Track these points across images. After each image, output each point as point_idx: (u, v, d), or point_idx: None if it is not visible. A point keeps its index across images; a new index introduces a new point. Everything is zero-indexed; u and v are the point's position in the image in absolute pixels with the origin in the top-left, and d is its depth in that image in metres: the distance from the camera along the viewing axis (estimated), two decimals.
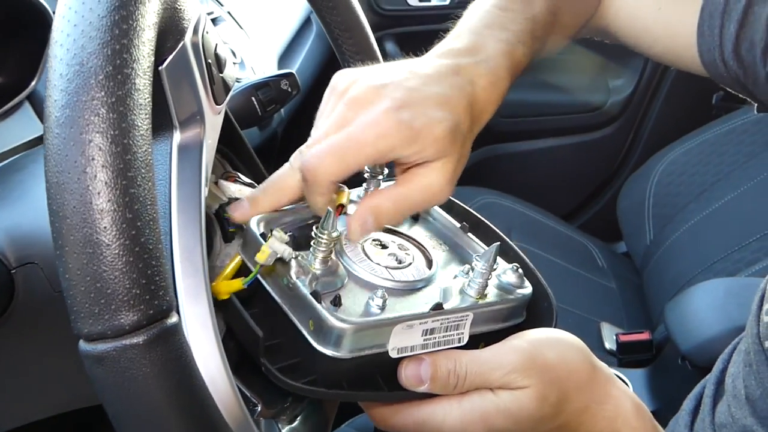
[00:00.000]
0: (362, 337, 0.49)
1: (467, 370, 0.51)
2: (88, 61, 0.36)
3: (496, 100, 0.60)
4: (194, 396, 0.39)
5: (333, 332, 0.48)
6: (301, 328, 0.49)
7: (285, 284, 0.50)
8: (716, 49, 0.70)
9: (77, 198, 0.35)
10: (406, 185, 0.54)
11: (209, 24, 0.53)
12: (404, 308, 0.52)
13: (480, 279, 0.54)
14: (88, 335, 0.36)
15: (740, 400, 0.65)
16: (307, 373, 0.50)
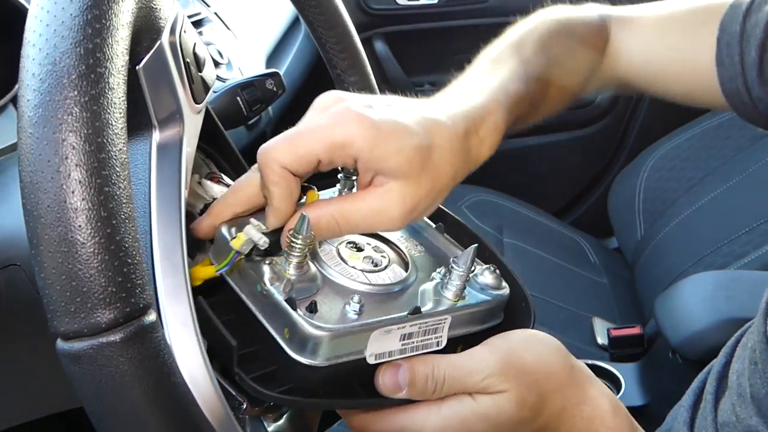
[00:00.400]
0: (339, 344, 0.48)
1: (445, 375, 0.51)
2: (60, 61, 0.36)
3: (489, 131, 0.58)
4: (173, 393, 0.39)
5: (309, 340, 0.47)
6: (276, 337, 0.48)
7: (259, 291, 0.49)
8: (738, 77, 0.70)
9: (51, 197, 0.35)
10: (355, 203, 0.51)
11: (188, 24, 0.53)
12: (381, 313, 0.51)
13: (457, 281, 0.53)
14: (64, 334, 0.36)
15: (745, 398, 0.64)
16: (283, 382, 0.49)
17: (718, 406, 0.69)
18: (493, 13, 2.08)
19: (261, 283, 0.49)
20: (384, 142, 0.49)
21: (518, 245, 1.70)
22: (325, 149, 0.49)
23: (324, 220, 0.50)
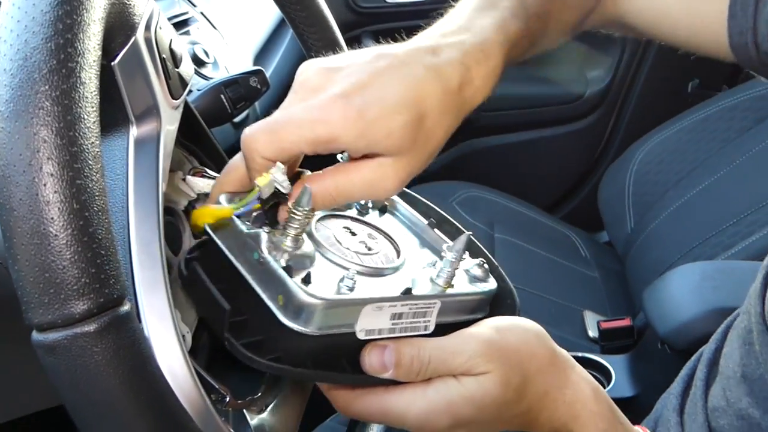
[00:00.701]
0: (332, 314, 0.48)
1: (430, 357, 0.51)
2: (31, 56, 0.37)
3: (486, 78, 0.55)
4: (149, 383, 0.40)
5: (303, 307, 0.47)
6: (270, 304, 0.48)
7: (256, 259, 0.49)
8: (749, 32, 0.68)
9: (23, 190, 0.36)
10: (349, 175, 0.51)
11: (164, 20, 0.54)
12: (373, 292, 0.52)
13: (449, 268, 0.54)
14: (39, 325, 0.37)
15: (736, 380, 0.64)
16: (272, 351, 0.49)
17: (708, 392, 0.69)
18: None
19: (258, 250, 0.49)
20: (371, 130, 0.48)
21: (509, 240, 1.71)
22: (309, 144, 0.49)
23: (319, 193, 0.50)
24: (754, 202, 1.43)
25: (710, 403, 0.68)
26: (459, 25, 0.57)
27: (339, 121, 0.48)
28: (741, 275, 1.15)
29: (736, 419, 0.63)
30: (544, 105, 2.14)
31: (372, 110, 0.48)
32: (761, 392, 0.61)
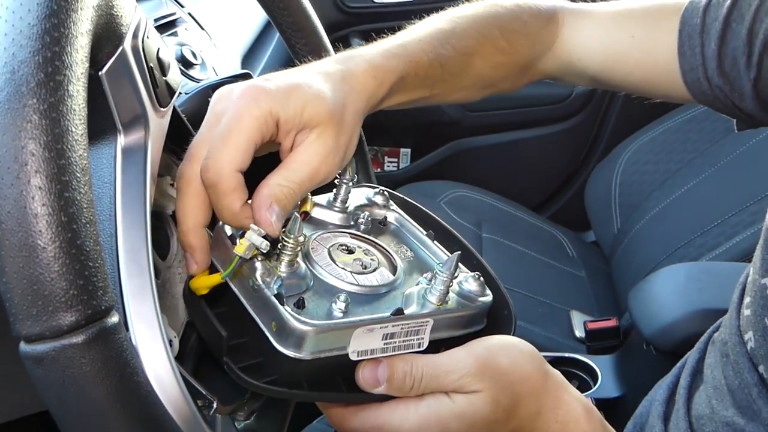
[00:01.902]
0: (323, 339, 0.50)
1: (423, 373, 0.52)
2: (19, 69, 0.37)
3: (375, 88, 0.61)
4: (137, 393, 0.40)
5: (294, 333, 0.48)
6: (264, 329, 0.50)
7: (251, 285, 0.51)
8: (699, 68, 0.72)
9: (11, 203, 0.36)
10: (290, 165, 0.54)
11: (151, 29, 0.54)
12: (366, 312, 0.53)
13: (441, 286, 0.55)
14: (27, 336, 0.37)
15: (721, 390, 0.65)
16: (269, 373, 0.51)
17: (691, 400, 0.70)
18: None
19: (253, 277, 0.51)
20: (299, 93, 0.53)
21: (497, 240, 1.71)
22: (260, 131, 0.52)
23: (277, 190, 0.53)
24: (738, 203, 1.44)
25: (695, 411, 0.69)
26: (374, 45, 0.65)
27: (271, 92, 0.52)
28: (725, 276, 1.16)
29: (722, 426, 0.64)
30: (531, 105, 2.15)
31: (287, 87, 0.54)
32: (742, 401, 0.62)
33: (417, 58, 0.67)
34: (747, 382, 0.63)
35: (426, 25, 0.73)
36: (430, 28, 0.72)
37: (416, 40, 0.69)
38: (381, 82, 0.62)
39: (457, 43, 0.71)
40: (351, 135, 0.57)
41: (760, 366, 0.62)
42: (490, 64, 0.75)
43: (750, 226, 1.37)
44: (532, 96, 2.16)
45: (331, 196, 0.63)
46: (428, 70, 0.68)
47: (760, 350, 0.63)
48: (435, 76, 0.69)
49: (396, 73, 0.64)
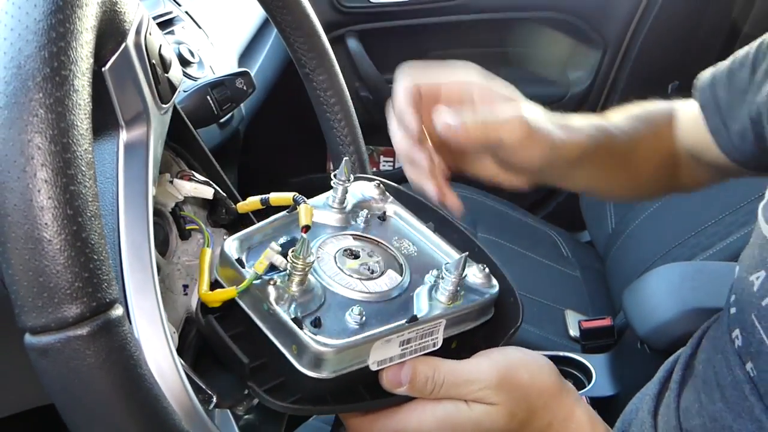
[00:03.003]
0: (344, 357, 0.51)
1: (445, 380, 0.54)
2: (25, 64, 0.37)
3: None
4: (140, 385, 0.40)
5: (316, 355, 0.49)
6: (285, 353, 0.51)
7: (266, 310, 0.52)
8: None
9: (18, 196, 0.36)
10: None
11: (153, 26, 0.54)
12: (381, 319, 0.54)
13: (450, 287, 0.56)
14: (32, 328, 0.38)
15: (711, 385, 0.66)
16: (293, 392, 0.52)
17: (681, 394, 0.71)
18: (465, 11, 2.09)
19: (267, 302, 0.51)
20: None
21: (492, 240, 1.72)
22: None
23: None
24: (731, 203, 1.45)
25: (682, 404, 0.70)
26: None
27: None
28: (719, 276, 1.17)
29: (709, 421, 0.65)
30: None
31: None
32: (732, 397, 0.63)
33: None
34: (739, 378, 0.63)
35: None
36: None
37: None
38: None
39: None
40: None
41: (747, 363, 0.63)
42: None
43: (744, 226, 1.37)
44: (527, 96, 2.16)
45: (329, 198, 0.63)
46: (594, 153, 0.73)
47: (746, 348, 0.64)
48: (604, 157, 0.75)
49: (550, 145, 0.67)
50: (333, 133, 0.85)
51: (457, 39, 2.17)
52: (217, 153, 1.21)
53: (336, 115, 0.85)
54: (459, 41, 2.17)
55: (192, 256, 0.68)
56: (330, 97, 0.84)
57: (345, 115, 0.85)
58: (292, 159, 2.08)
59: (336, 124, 0.86)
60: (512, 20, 2.11)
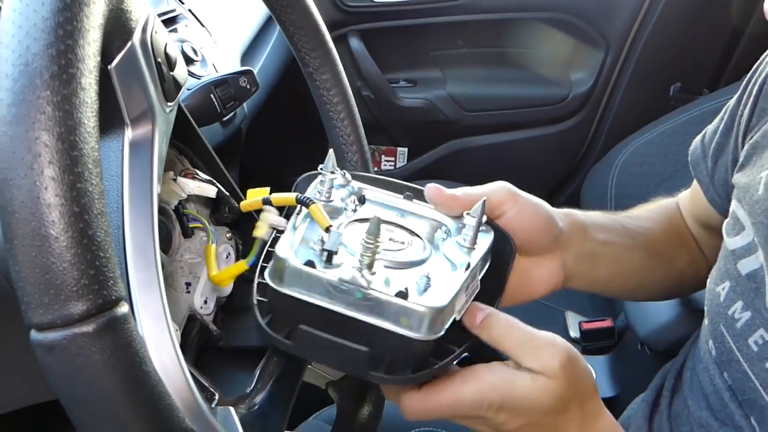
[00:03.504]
0: (447, 312, 0.53)
1: (518, 337, 0.56)
2: (33, 62, 0.38)
3: None
4: (144, 382, 0.40)
5: (431, 318, 0.51)
6: (395, 329, 0.51)
7: (360, 298, 0.52)
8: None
9: (25, 193, 0.36)
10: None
11: (159, 24, 0.54)
12: (438, 278, 0.55)
13: (473, 232, 0.58)
14: (38, 325, 0.38)
15: (697, 393, 0.68)
16: (406, 365, 0.53)
17: (673, 401, 0.72)
18: (467, 11, 2.10)
19: (361, 291, 0.52)
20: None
21: None
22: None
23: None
24: None
25: (673, 410, 0.71)
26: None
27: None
28: None
29: (697, 427, 0.66)
30: (528, 106, 2.16)
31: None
32: (716, 405, 0.64)
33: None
34: (719, 386, 0.64)
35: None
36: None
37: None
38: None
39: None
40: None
41: (724, 372, 0.64)
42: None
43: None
44: (529, 97, 2.16)
45: (316, 192, 0.63)
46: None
47: (720, 357, 0.65)
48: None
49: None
50: (336, 132, 0.86)
51: (458, 39, 2.17)
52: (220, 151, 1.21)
53: (339, 114, 0.85)
54: (461, 41, 2.18)
55: (195, 254, 0.68)
56: (333, 96, 0.84)
57: (348, 114, 0.85)
58: (294, 157, 2.08)
59: (339, 123, 0.86)
60: (515, 20, 2.12)
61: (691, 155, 0.85)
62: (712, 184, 0.81)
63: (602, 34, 2.08)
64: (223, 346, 0.68)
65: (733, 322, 0.63)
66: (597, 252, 0.76)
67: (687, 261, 0.87)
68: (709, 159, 0.81)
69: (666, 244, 0.84)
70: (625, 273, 0.80)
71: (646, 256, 0.81)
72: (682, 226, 0.89)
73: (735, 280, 0.64)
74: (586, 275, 0.76)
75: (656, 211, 0.89)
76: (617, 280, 0.80)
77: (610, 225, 0.79)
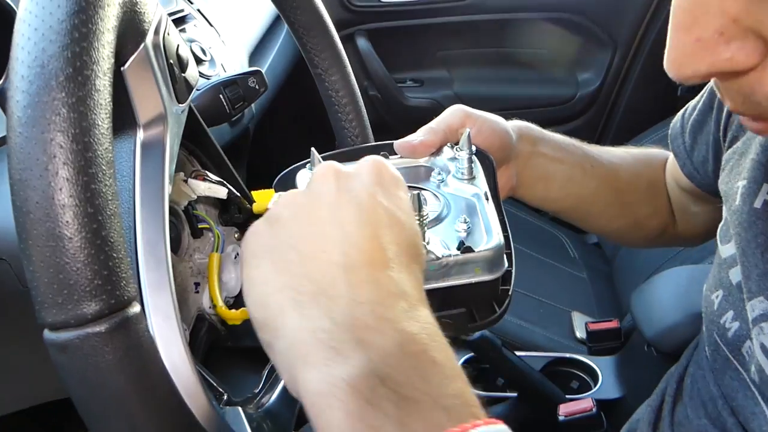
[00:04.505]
0: (503, 245, 0.55)
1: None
2: (48, 64, 0.38)
3: None
4: (156, 382, 0.41)
5: (496, 259, 0.53)
6: (472, 279, 0.53)
7: (434, 269, 0.53)
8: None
9: (40, 194, 0.37)
10: None
11: (171, 26, 0.55)
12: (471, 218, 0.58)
13: (467, 164, 0.61)
14: (52, 324, 0.38)
15: (696, 401, 0.68)
16: (488, 303, 0.55)
17: (675, 408, 0.72)
18: (474, 11, 2.10)
19: (434, 263, 0.53)
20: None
21: None
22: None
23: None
24: None
25: (676, 417, 0.71)
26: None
27: None
28: None
29: None
30: (535, 106, 2.16)
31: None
32: (713, 413, 0.64)
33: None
34: (713, 394, 0.65)
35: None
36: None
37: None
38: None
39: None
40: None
41: (718, 380, 0.64)
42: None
43: None
44: (536, 97, 2.17)
45: (304, 184, 0.64)
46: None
47: (713, 364, 0.65)
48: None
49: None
50: (344, 133, 0.86)
51: (465, 39, 2.17)
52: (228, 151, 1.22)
53: (348, 116, 0.86)
54: (468, 41, 2.18)
55: (204, 255, 0.68)
56: (342, 97, 0.84)
57: (356, 115, 0.86)
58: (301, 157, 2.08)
59: (347, 124, 0.86)
60: (521, 21, 2.12)
61: (671, 129, 0.86)
62: (689, 159, 0.81)
63: (609, 34, 2.08)
64: (231, 345, 0.68)
65: (725, 331, 0.63)
66: (546, 168, 0.79)
67: (650, 211, 0.88)
68: (687, 134, 0.81)
69: (628, 185, 0.86)
70: (577, 196, 0.82)
71: (602, 186, 0.82)
72: (658, 179, 0.90)
73: (727, 289, 0.63)
74: (534, 188, 0.79)
75: (633, 155, 0.89)
76: (568, 200, 0.82)
77: (566, 146, 0.82)
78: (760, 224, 0.59)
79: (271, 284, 0.41)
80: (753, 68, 0.40)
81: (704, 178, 0.79)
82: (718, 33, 0.40)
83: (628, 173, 0.86)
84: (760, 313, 0.57)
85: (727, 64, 0.40)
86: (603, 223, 0.88)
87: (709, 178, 0.77)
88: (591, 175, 0.81)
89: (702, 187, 0.80)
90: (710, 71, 0.41)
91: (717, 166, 0.74)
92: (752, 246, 0.59)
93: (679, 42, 0.41)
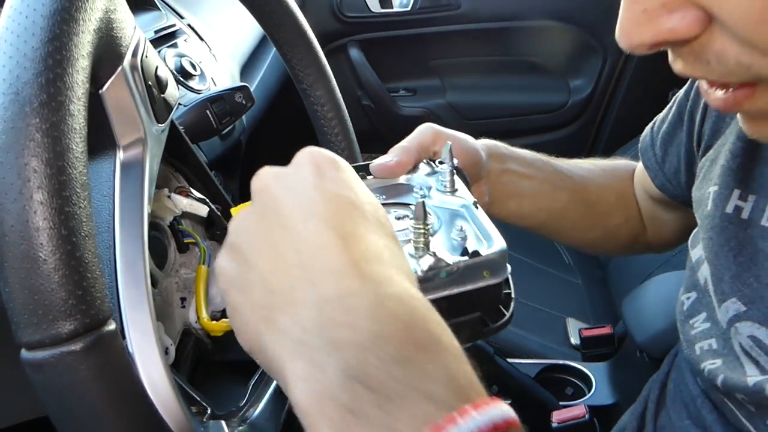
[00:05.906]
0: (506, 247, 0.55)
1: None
2: (23, 90, 0.39)
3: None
4: (132, 399, 0.42)
5: (501, 260, 0.53)
6: (481, 284, 0.53)
7: (445, 276, 0.53)
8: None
9: (14, 217, 0.38)
10: None
11: (150, 48, 0.56)
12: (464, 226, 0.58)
13: (449, 177, 0.61)
14: (28, 344, 0.39)
15: (678, 403, 0.69)
16: (496, 306, 0.55)
17: (658, 413, 0.73)
18: (466, 20, 2.11)
19: (444, 270, 0.53)
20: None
21: None
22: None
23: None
24: None
25: (659, 422, 0.72)
26: None
27: None
28: None
29: None
30: (527, 114, 2.17)
31: None
32: (694, 413, 0.65)
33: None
34: (693, 394, 0.65)
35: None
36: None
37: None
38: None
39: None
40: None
41: (697, 377, 0.65)
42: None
43: None
44: (528, 104, 2.17)
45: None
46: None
47: (690, 365, 0.66)
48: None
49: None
50: (330, 146, 0.87)
51: (457, 48, 2.18)
52: (219, 163, 1.23)
53: (333, 129, 0.87)
54: (459, 50, 2.19)
55: (190, 269, 0.69)
56: (327, 111, 0.86)
57: (342, 129, 0.87)
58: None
59: (333, 138, 0.88)
60: (513, 29, 2.13)
61: (641, 142, 0.87)
62: (661, 171, 0.82)
63: (600, 42, 2.09)
64: (218, 359, 0.69)
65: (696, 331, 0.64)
66: (517, 185, 0.79)
67: (620, 221, 0.89)
68: (658, 147, 0.82)
69: (598, 197, 0.87)
70: (548, 211, 0.83)
71: (572, 200, 0.83)
72: (627, 189, 0.91)
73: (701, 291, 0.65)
74: (506, 205, 0.79)
75: (601, 166, 0.91)
76: (540, 215, 0.83)
77: (534, 162, 0.82)
78: (731, 228, 0.60)
79: (244, 312, 0.41)
80: (696, 38, 0.42)
81: (677, 189, 0.80)
82: (661, 4, 0.41)
83: (597, 185, 0.87)
84: (734, 314, 0.58)
85: (669, 34, 0.42)
86: (576, 235, 0.89)
87: (681, 189, 0.78)
88: (561, 189, 0.83)
89: (675, 198, 0.81)
90: (654, 41, 0.43)
91: (690, 176, 0.75)
92: (725, 249, 0.60)
93: (628, 12, 0.43)
